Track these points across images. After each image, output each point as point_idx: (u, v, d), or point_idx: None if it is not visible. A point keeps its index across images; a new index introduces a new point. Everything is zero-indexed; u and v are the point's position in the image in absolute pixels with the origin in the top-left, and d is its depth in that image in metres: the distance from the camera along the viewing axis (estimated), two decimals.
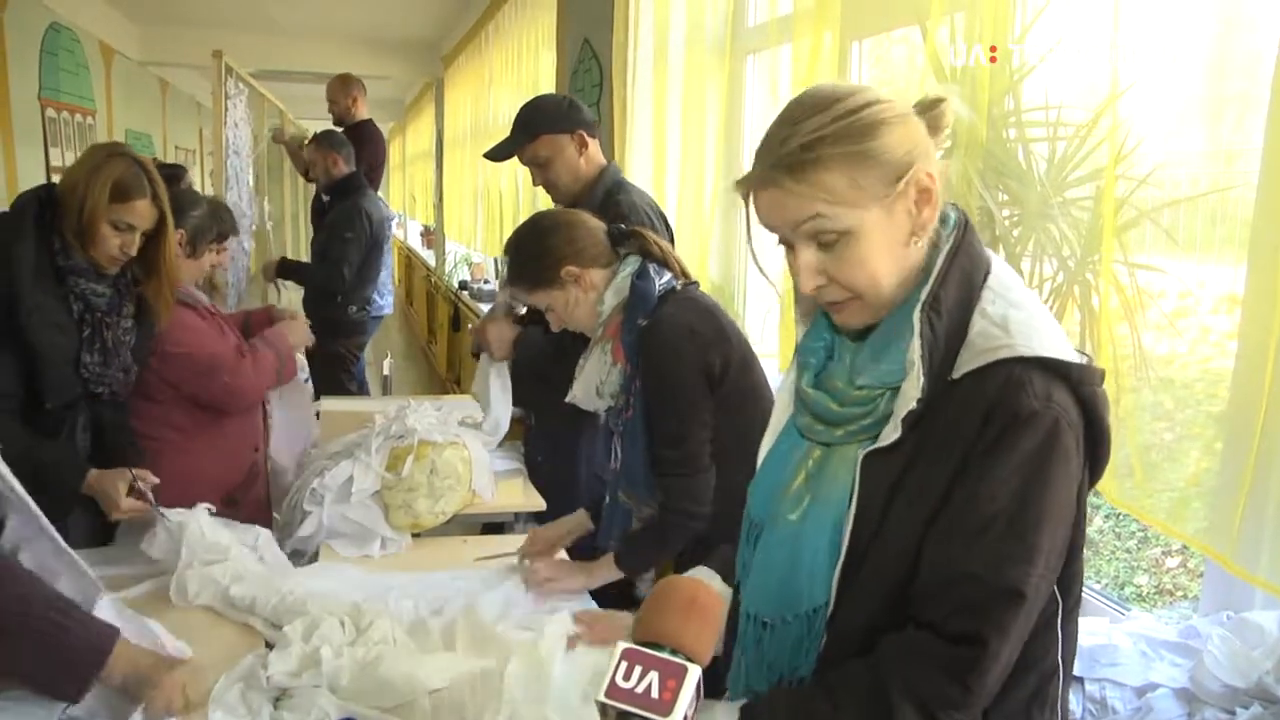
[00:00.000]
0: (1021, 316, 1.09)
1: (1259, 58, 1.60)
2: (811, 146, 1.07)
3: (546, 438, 2.79)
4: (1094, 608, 2.21)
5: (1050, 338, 1.08)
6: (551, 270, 2.04)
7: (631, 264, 2.05)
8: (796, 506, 1.18)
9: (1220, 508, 1.63)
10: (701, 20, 3.36)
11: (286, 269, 4.96)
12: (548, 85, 5.22)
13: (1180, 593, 3.78)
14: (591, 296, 2.05)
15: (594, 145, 2.72)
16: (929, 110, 1.16)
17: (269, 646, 1.76)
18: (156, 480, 2.16)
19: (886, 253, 1.10)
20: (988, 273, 1.14)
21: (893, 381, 1.11)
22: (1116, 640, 1.85)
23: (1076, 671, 1.81)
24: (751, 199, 1.15)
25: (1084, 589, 2.25)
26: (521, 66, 5.98)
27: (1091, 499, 4.05)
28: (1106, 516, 4.10)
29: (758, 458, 1.32)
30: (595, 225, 2.10)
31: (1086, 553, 2.92)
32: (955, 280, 1.11)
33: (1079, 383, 1.07)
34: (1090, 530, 4.32)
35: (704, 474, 1.97)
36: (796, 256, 1.13)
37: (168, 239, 2.26)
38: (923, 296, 1.10)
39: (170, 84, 9.57)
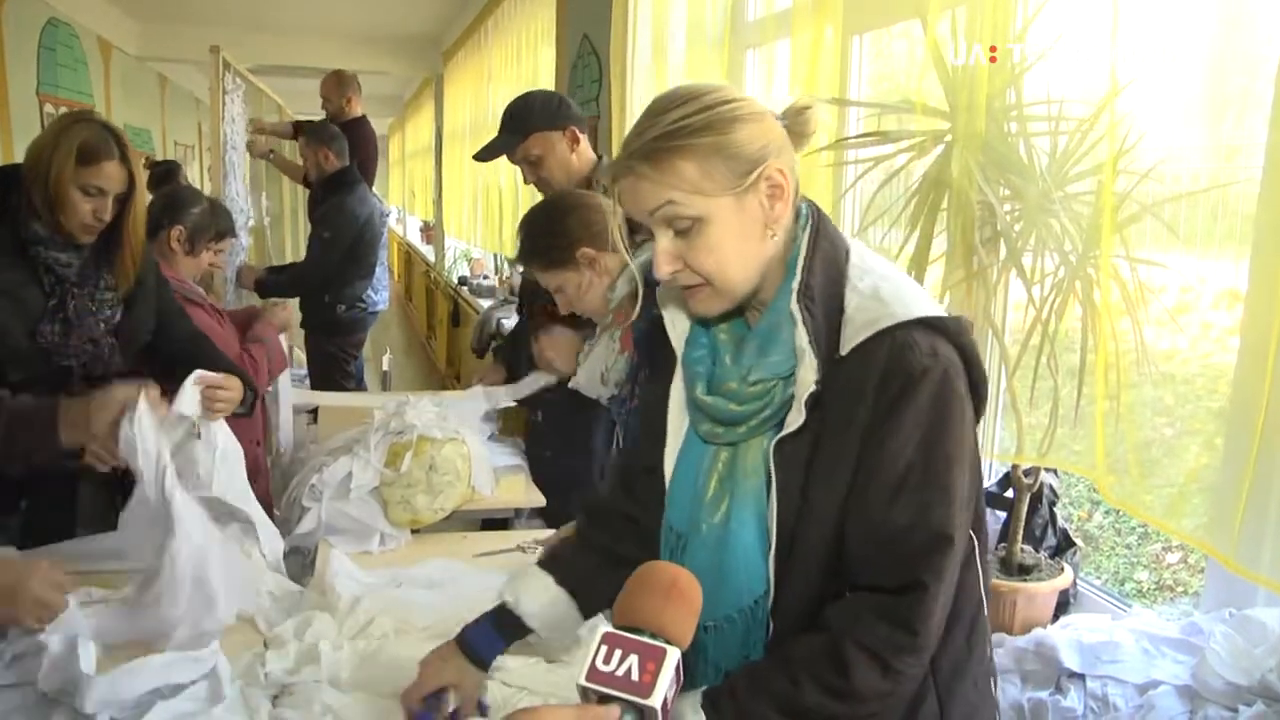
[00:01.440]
0: (889, 285, 1.16)
1: (1260, 54, 1.60)
2: (667, 137, 1.14)
3: (557, 432, 2.77)
4: (1095, 604, 2.20)
5: (920, 299, 1.16)
6: (567, 251, 2.02)
7: (646, 252, 2.03)
8: (717, 510, 1.23)
9: (1221, 504, 1.62)
10: (701, 15, 3.35)
11: (263, 287, 4.60)
12: (547, 81, 5.21)
13: (1181, 588, 3.77)
14: (604, 281, 2.04)
15: (585, 141, 2.69)
16: (795, 116, 1.22)
17: (266, 647, 1.76)
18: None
19: (737, 241, 1.17)
20: (848, 252, 1.21)
21: (783, 371, 1.17)
22: (1118, 637, 1.84)
23: (1078, 668, 1.80)
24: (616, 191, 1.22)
25: (1085, 585, 2.27)
26: (521, 62, 5.98)
27: (1091, 495, 4.02)
28: (1106, 512, 4.08)
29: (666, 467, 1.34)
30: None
31: (1086, 548, 2.90)
32: (820, 265, 1.18)
33: (956, 334, 1.15)
34: (1090, 526, 4.29)
35: None
36: (655, 246, 1.19)
37: (136, 204, 2.18)
38: (794, 287, 1.17)
39: (169, 79, 9.56)
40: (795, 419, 1.15)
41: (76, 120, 2.11)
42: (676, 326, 1.32)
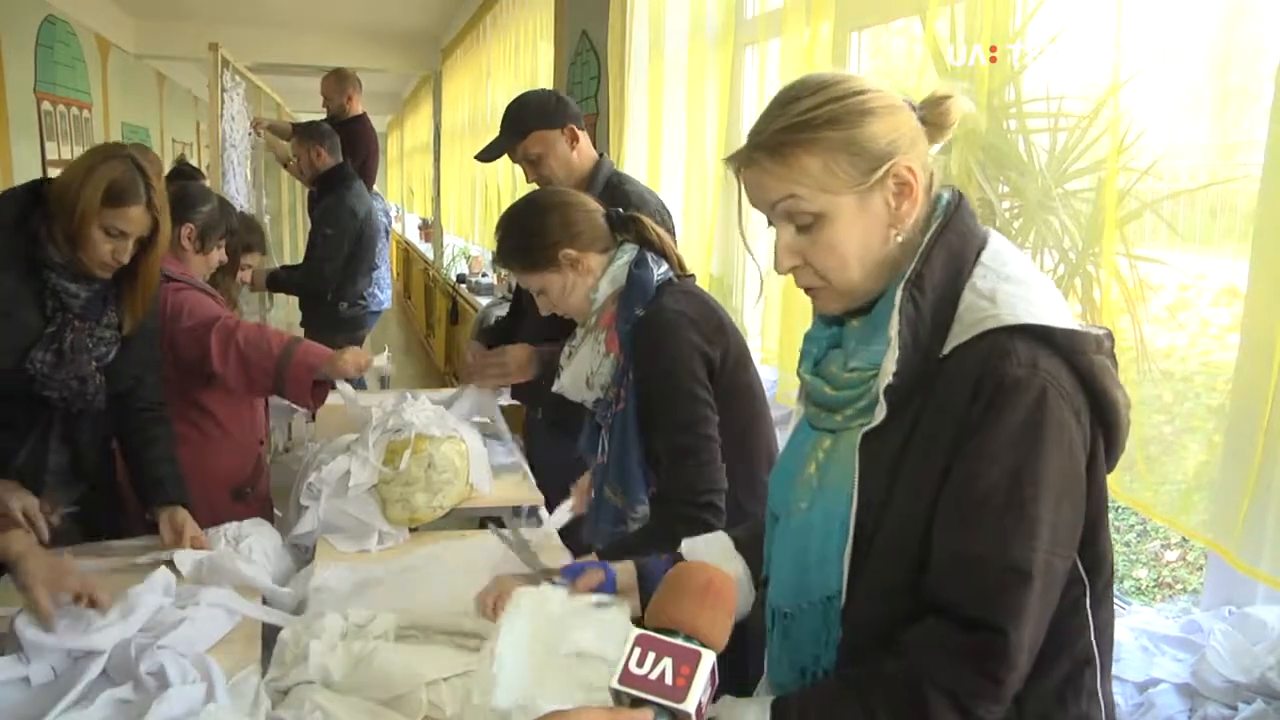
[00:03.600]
0: (1012, 289, 1.08)
1: (1261, 50, 1.60)
2: (792, 130, 1.10)
3: (559, 431, 2.75)
4: None
5: (1043, 307, 1.07)
6: (549, 251, 1.97)
7: (629, 252, 2.00)
8: (807, 495, 1.20)
9: (1223, 502, 1.62)
10: (700, 11, 3.35)
11: (274, 280, 4.66)
12: (546, 78, 5.20)
13: (1179, 586, 3.78)
14: (588, 282, 1.99)
15: (584, 138, 2.69)
16: (934, 107, 1.16)
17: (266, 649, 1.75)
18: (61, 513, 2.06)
19: (859, 240, 1.12)
20: (981, 249, 1.13)
21: (881, 361, 1.11)
22: (1118, 635, 1.83)
23: None
24: (739, 179, 1.18)
25: None
26: (520, 59, 5.97)
27: None
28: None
29: (754, 454, 1.33)
30: (594, 208, 2.04)
31: None
32: (941, 258, 1.11)
33: (1069, 351, 1.05)
34: None
35: (719, 461, 1.88)
36: (777, 241, 1.15)
37: (157, 249, 2.15)
38: (907, 274, 1.11)
39: (167, 77, 9.54)
40: (879, 413, 1.10)
41: (110, 156, 2.08)
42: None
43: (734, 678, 1.16)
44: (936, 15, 2.03)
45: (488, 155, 2.78)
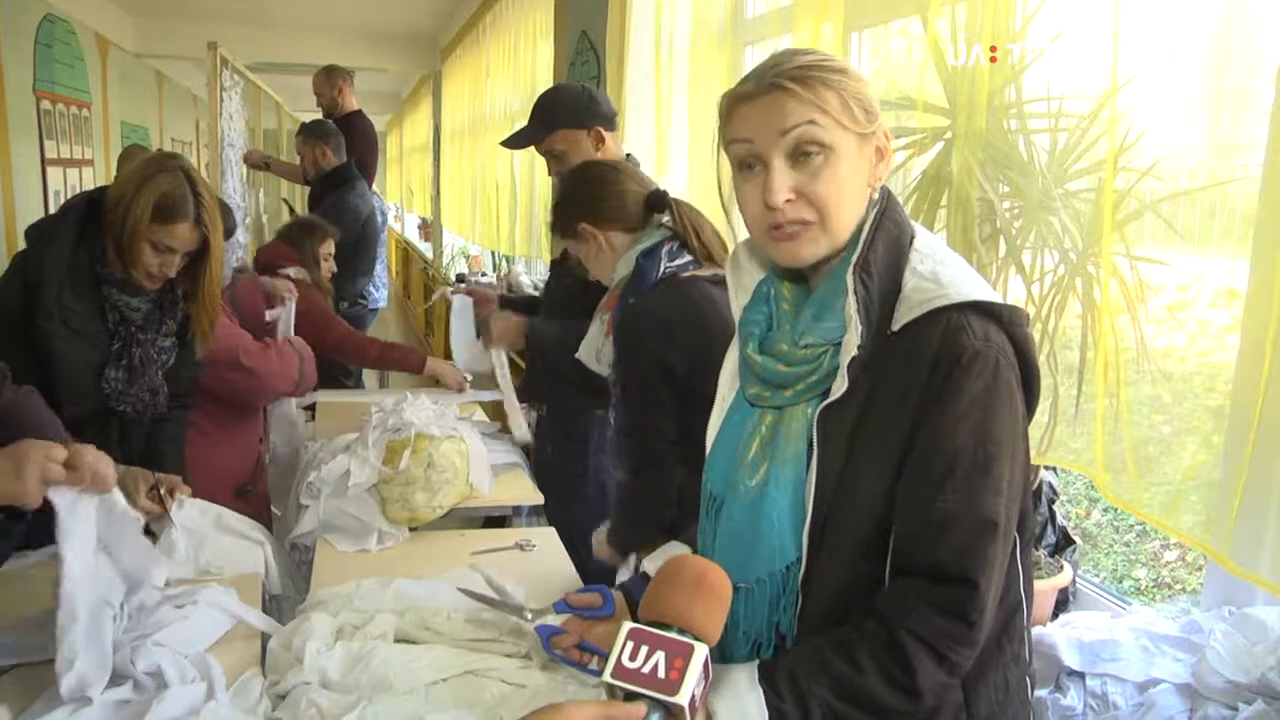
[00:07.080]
0: (948, 271, 1.18)
1: (1260, 52, 1.61)
2: (815, 68, 1.18)
3: (557, 429, 2.77)
4: (1094, 602, 2.21)
5: (979, 286, 1.18)
6: (570, 222, 2.04)
7: (650, 238, 2.02)
8: (755, 472, 1.24)
9: (1217, 502, 1.62)
10: (701, 12, 3.35)
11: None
12: (545, 77, 5.20)
13: (1179, 586, 3.78)
14: (613, 255, 2.05)
15: (611, 140, 2.70)
16: None
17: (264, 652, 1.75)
18: (184, 489, 2.12)
19: (852, 182, 1.20)
20: (913, 237, 1.24)
21: (834, 338, 1.19)
22: (1118, 635, 1.84)
23: (1078, 666, 1.80)
24: (734, 115, 1.22)
25: (1083, 583, 2.26)
26: (519, 59, 5.96)
27: (1089, 493, 4.01)
28: (1105, 510, 4.09)
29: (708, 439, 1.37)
30: (629, 187, 2.07)
31: (1084, 546, 2.87)
32: (882, 244, 1.20)
33: (1010, 323, 1.16)
34: (1088, 524, 4.28)
35: (667, 466, 1.89)
36: (770, 174, 1.18)
37: (212, 263, 2.17)
38: (853, 259, 1.19)
39: (166, 76, 9.53)
40: (840, 386, 1.16)
41: (162, 169, 2.09)
42: (742, 286, 1.35)
43: None
44: (938, 16, 2.03)
45: (514, 144, 2.80)
